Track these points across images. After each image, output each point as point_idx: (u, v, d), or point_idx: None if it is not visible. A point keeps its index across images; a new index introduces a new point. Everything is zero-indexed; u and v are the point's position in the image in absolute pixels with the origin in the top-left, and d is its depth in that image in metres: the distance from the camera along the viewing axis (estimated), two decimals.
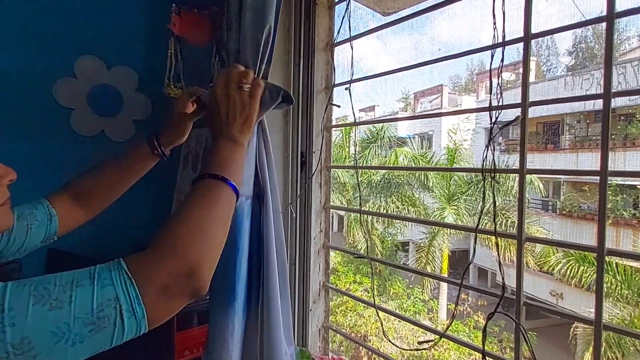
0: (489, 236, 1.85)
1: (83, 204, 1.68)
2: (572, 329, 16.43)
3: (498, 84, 1.68)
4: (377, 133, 22.40)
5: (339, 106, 2.55)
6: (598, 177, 1.48)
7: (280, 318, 1.91)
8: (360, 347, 16.62)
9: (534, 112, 1.68)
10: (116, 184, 1.77)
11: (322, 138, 2.53)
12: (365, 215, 2.50)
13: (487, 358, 1.78)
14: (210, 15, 2.30)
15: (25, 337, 0.85)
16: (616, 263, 14.96)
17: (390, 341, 2.99)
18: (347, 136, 21.68)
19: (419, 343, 2.12)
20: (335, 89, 2.54)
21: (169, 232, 1.14)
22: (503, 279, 1.69)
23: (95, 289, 0.95)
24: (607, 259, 1.51)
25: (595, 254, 1.50)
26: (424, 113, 31.10)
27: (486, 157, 1.70)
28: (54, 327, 0.88)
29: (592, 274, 15.83)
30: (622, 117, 18.92)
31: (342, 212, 27.18)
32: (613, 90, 1.44)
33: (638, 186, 17.99)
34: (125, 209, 2.49)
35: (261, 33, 1.72)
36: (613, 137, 17.38)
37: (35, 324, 0.86)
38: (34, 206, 1.54)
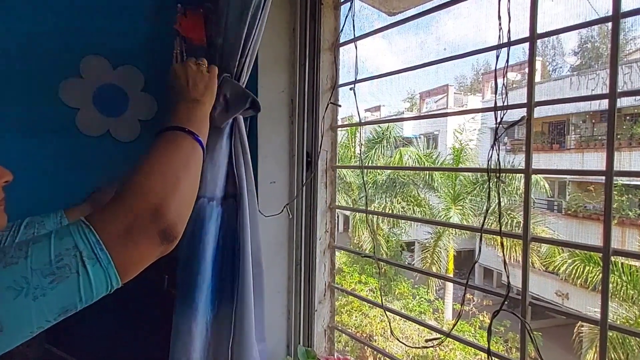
0: (494, 236, 1.85)
1: None
2: (576, 328, 16.41)
3: (503, 84, 1.68)
4: (382, 133, 22.40)
5: (339, 105, 2.56)
6: (604, 177, 1.48)
7: (253, 319, 1.93)
8: (366, 347, 16.61)
9: (539, 112, 1.68)
10: None
11: (327, 138, 2.53)
12: (371, 216, 2.51)
13: (492, 357, 1.78)
14: (203, 13, 2.30)
15: None
16: (622, 263, 14.95)
17: (399, 340, 3.01)
18: (352, 136, 21.71)
19: (427, 340, 2.12)
20: (340, 88, 2.54)
21: (131, 177, 1.13)
22: (508, 278, 1.69)
23: (52, 241, 0.94)
24: (612, 259, 1.51)
25: (601, 254, 1.50)
26: (429, 113, 31.09)
27: (491, 157, 1.70)
28: (10, 281, 0.87)
29: (597, 274, 15.81)
30: (628, 117, 18.92)
31: (347, 212, 27.19)
32: (619, 90, 1.44)
33: None
34: None
35: (244, 24, 1.73)
36: (619, 137, 17.37)
37: None
38: (46, 215, 1.54)
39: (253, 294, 1.96)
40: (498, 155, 1.70)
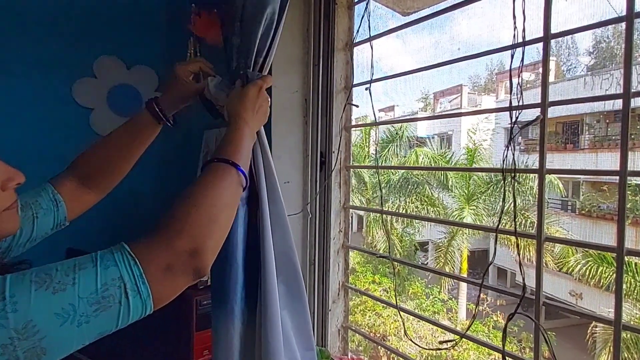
0: (508, 236, 1.85)
1: (91, 185, 1.66)
2: (590, 328, 16.35)
3: (518, 83, 1.67)
4: (396, 133, 22.37)
5: (357, 106, 2.56)
6: (617, 177, 1.48)
7: (279, 327, 1.83)
8: (379, 347, 16.60)
9: (553, 112, 1.67)
10: (122, 159, 1.75)
11: (342, 138, 2.53)
12: (385, 215, 2.48)
13: (507, 358, 1.78)
14: (219, 13, 2.30)
15: (30, 322, 0.85)
16: (635, 263, 14.87)
17: (412, 341, 2.99)
18: (366, 136, 21.69)
19: (440, 343, 2.11)
20: (354, 88, 2.54)
21: (175, 212, 1.17)
22: (523, 279, 1.69)
23: (98, 270, 0.96)
24: (626, 259, 1.50)
25: (615, 254, 1.50)
26: (443, 113, 31.10)
27: (506, 157, 1.69)
28: (58, 308, 0.89)
29: (611, 274, 15.75)
30: None
31: (361, 212, 27.15)
32: (633, 90, 1.43)
33: None
34: (146, 208, 2.50)
35: (259, 25, 1.72)
36: (632, 137, 17.20)
37: (38, 307, 0.87)
38: (37, 193, 1.50)
39: (288, 299, 1.94)
40: (513, 155, 1.70)
